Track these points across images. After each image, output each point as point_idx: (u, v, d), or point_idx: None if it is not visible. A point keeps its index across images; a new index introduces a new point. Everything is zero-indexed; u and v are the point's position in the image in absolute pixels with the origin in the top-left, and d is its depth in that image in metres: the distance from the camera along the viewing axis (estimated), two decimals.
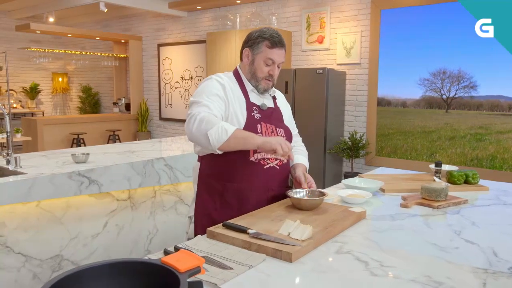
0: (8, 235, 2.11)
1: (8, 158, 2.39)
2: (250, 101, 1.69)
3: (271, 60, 1.68)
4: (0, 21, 8.44)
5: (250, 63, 1.71)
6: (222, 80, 1.67)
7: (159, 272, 0.78)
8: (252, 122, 1.65)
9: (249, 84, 1.72)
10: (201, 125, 1.49)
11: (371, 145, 5.24)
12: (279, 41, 1.67)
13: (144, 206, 2.76)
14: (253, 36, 1.70)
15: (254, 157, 1.64)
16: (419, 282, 1.07)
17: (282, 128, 1.76)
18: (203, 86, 1.66)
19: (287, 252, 1.18)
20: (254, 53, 1.69)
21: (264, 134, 1.65)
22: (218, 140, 1.48)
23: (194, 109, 1.56)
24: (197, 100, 1.59)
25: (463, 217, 1.64)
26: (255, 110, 1.68)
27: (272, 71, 1.70)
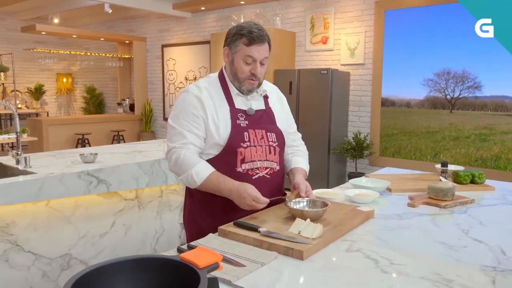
0: (18, 234, 2.13)
1: (18, 158, 2.42)
2: (235, 108, 1.57)
3: (250, 57, 1.52)
4: (6, 22, 8.49)
5: (230, 63, 1.57)
6: (200, 93, 1.55)
7: (178, 268, 0.80)
8: (238, 131, 1.53)
9: (234, 88, 1.59)
10: (175, 166, 1.53)
11: (375, 145, 5.25)
12: (257, 36, 1.50)
13: (151, 205, 2.78)
14: (231, 33, 1.55)
15: (241, 168, 1.53)
16: (429, 279, 1.09)
17: (274, 131, 1.62)
18: (179, 103, 1.57)
19: (299, 250, 1.20)
20: (232, 52, 1.55)
21: (252, 142, 1.55)
22: (189, 185, 1.54)
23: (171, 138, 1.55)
24: (173, 125, 1.55)
25: (470, 216, 1.66)
26: (241, 117, 1.56)
27: (254, 70, 1.54)
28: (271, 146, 1.60)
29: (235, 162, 1.53)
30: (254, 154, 1.55)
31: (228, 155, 1.53)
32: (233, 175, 1.51)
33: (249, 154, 1.54)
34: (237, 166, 1.53)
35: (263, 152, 1.57)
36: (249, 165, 1.54)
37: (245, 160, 1.53)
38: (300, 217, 1.40)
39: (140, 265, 0.81)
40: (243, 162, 1.53)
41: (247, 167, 1.54)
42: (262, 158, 1.57)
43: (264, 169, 1.58)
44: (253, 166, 1.55)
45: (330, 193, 1.86)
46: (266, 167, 1.58)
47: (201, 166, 1.49)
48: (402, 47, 4.96)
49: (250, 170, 1.55)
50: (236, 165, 1.53)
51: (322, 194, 1.82)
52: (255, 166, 1.55)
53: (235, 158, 1.53)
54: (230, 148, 1.53)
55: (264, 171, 1.58)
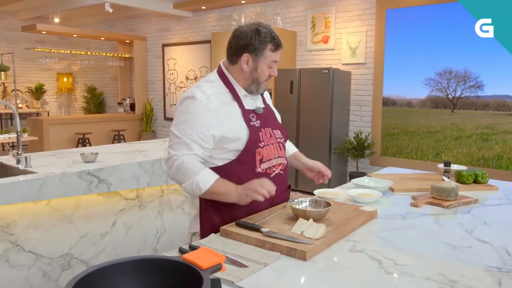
0: (19, 233, 2.13)
1: (18, 158, 2.41)
2: (246, 109, 1.55)
3: (274, 62, 1.56)
4: (6, 22, 8.49)
5: (252, 70, 1.54)
6: (208, 101, 1.47)
7: (181, 270, 0.79)
8: (254, 132, 1.53)
9: (241, 89, 1.57)
10: (177, 175, 1.46)
11: (376, 145, 5.24)
12: (280, 41, 1.55)
13: (151, 205, 2.77)
14: (254, 40, 1.50)
15: (260, 168, 1.54)
16: (434, 280, 1.07)
17: (278, 128, 1.65)
18: (185, 110, 1.48)
19: (301, 250, 1.19)
20: (258, 60, 1.52)
21: (265, 141, 1.55)
22: (193, 193, 1.48)
23: (173, 146, 1.47)
24: (177, 134, 1.47)
25: (474, 216, 1.65)
26: (253, 118, 1.56)
27: (273, 72, 1.58)
28: (279, 143, 1.63)
29: (254, 162, 1.52)
30: (269, 152, 1.57)
31: (247, 157, 1.51)
32: (253, 176, 1.49)
33: (266, 153, 1.55)
34: (257, 166, 1.53)
35: (275, 149, 1.60)
36: (267, 164, 1.56)
37: (263, 160, 1.54)
38: (303, 217, 1.39)
39: (142, 265, 0.80)
40: (261, 162, 1.54)
41: (266, 166, 1.56)
42: (276, 155, 1.60)
43: (278, 166, 1.61)
44: (270, 165, 1.57)
45: (333, 193, 1.85)
46: (279, 163, 1.61)
47: (206, 173, 1.45)
48: (403, 46, 4.95)
49: (268, 168, 1.56)
50: (256, 165, 1.53)
51: (324, 194, 1.81)
52: (272, 164, 1.58)
53: (254, 159, 1.52)
54: (249, 150, 1.51)
55: (279, 168, 1.61)
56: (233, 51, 1.55)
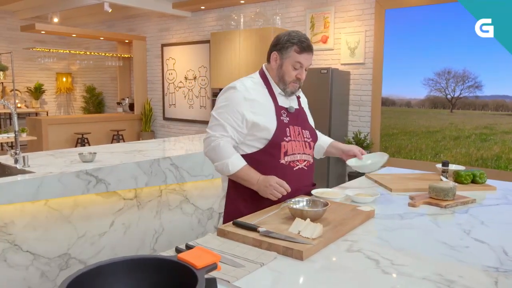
0: (17, 233, 2.12)
1: (16, 157, 2.41)
2: (279, 105, 1.73)
3: (299, 63, 1.70)
4: (6, 22, 8.48)
5: (278, 67, 1.73)
6: (247, 92, 1.69)
7: (176, 269, 0.79)
8: (282, 127, 1.70)
9: (277, 87, 1.76)
10: (212, 153, 1.68)
11: (375, 145, 5.24)
12: (307, 46, 1.71)
13: (150, 205, 2.77)
14: (282, 40, 1.72)
15: (284, 160, 1.69)
16: (431, 280, 1.07)
17: (308, 129, 1.82)
18: (226, 98, 1.70)
19: (298, 250, 1.18)
20: (282, 58, 1.71)
21: (292, 137, 1.72)
22: (222, 172, 1.70)
23: (212, 127, 1.69)
24: (216, 117, 1.68)
25: (471, 216, 1.65)
26: (284, 114, 1.73)
27: (300, 75, 1.73)
28: (306, 142, 1.79)
29: (279, 154, 1.69)
30: (294, 147, 1.72)
31: (272, 147, 1.68)
32: (277, 166, 1.68)
33: (290, 147, 1.71)
34: (281, 158, 1.69)
35: (301, 146, 1.75)
36: (290, 157, 1.71)
37: (288, 153, 1.70)
38: (300, 217, 1.39)
39: (137, 265, 0.80)
40: (286, 154, 1.70)
41: (289, 159, 1.71)
42: (301, 152, 1.75)
43: (302, 162, 1.76)
44: (294, 159, 1.72)
45: (331, 192, 1.84)
46: (304, 160, 1.76)
47: (236, 158, 1.66)
48: (402, 46, 4.95)
49: (291, 162, 1.72)
50: (280, 157, 1.69)
51: (322, 193, 1.81)
52: (296, 158, 1.73)
53: (279, 151, 1.68)
54: (275, 141, 1.68)
55: (303, 164, 1.76)
56: (269, 50, 1.78)
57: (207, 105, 7.02)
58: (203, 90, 7.09)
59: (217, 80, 6.13)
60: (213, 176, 3.06)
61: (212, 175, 3.05)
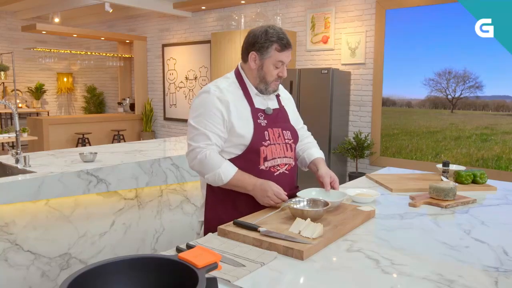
0: (17, 233, 2.13)
1: (17, 157, 2.41)
2: (255, 108, 1.64)
3: (281, 62, 1.63)
4: (6, 22, 8.49)
5: (258, 68, 1.63)
6: (222, 94, 1.59)
7: (177, 268, 0.79)
8: (259, 130, 1.61)
9: (253, 88, 1.66)
10: (200, 166, 1.58)
11: (375, 145, 5.24)
12: (287, 42, 1.61)
13: (150, 205, 2.77)
14: (261, 39, 1.60)
15: (264, 166, 1.62)
16: (431, 280, 1.07)
17: (289, 129, 1.72)
18: (201, 104, 1.60)
19: (299, 250, 1.19)
20: (263, 58, 1.61)
21: (272, 140, 1.63)
22: (214, 184, 1.59)
23: (194, 138, 1.58)
24: (196, 126, 1.58)
25: (472, 216, 1.65)
26: (261, 117, 1.64)
27: (281, 73, 1.65)
28: (287, 144, 1.69)
29: (258, 160, 1.61)
30: (274, 151, 1.64)
31: (251, 153, 1.60)
32: (256, 173, 1.59)
33: (270, 152, 1.63)
34: (260, 164, 1.61)
35: (282, 149, 1.67)
36: (271, 162, 1.63)
37: (267, 158, 1.62)
38: (301, 217, 1.39)
39: (138, 264, 0.80)
40: (265, 160, 1.62)
41: (269, 164, 1.63)
42: (281, 155, 1.67)
43: (283, 166, 1.68)
44: (274, 163, 1.64)
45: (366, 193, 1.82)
46: (285, 164, 1.68)
47: (227, 166, 1.57)
48: (403, 46, 4.95)
49: (272, 167, 1.64)
50: (259, 163, 1.61)
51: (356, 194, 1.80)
52: (276, 163, 1.65)
53: (258, 156, 1.61)
54: (253, 147, 1.60)
55: (284, 168, 1.68)
56: (244, 49, 1.67)
57: None
58: None
59: None
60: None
61: None
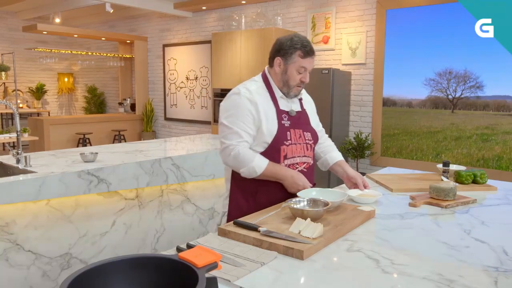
0: (18, 233, 2.13)
1: (18, 157, 2.42)
2: (280, 109, 1.78)
3: (303, 68, 1.75)
4: (7, 22, 8.50)
5: (282, 72, 1.77)
6: (251, 96, 1.73)
7: (177, 268, 0.79)
8: (283, 131, 1.74)
9: (278, 90, 1.80)
10: (235, 162, 1.71)
11: (376, 145, 5.24)
12: (310, 50, 1.75)
13: (151, 205, 2.78)
14: (285, 45, 1.75)
15: (284, 163, 1.74)
16: (431, 280, 1.07)
17: (309, 131, 1.85)
18: (232, 105, 1.73)
19: (299, 249, 1.19)
20: (287, 63, 1.75)
21: (293, 140, 1.76)
22: (249, 176, 1.72)
23: (227, 136, 1.71)
24: (228, 125, 1.71)
25: (472, 216, 1.65)
26: (285, 118, 1.77)
27: (304, 78, 1.77)
28: (308, 144, 1.83)
29: (279, 158, 1.74)
30: (294, 151, 1.77)
31: (272, 152, 1.73)
32: None
33: (290, 151, 1.76)
34: (280, 161, 1.74)
35: (302, 149, 1.80)
36: (290, 160, 1.76)
37: (287, 156, 1.75)
38: (301, 217, 1.39)
39: (138, 264, 0.80)
40: (285, 158, 1.75)
41: (289, 162, 1.76)
42: (301, 154, 1.79)
43: (302, 164, 1.80)
44: (293, 162, 1.77)
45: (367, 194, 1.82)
46: (304, 162, 1.81)
47: (259, 159, 1.70)
48: (403, 46, 4.95)
49: (291, 165, 1.77)
50: (280, 160, 1.74)
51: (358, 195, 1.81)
52: (295, 161, 1.78)
53: (278, 154, 1.73)
54: (274, 146, 1.73)
55: (302, 166, 1.81)
56: (270, 55, 1.82)
57: (208, 105, 7.03)
58: (204, 90, 7.10)
59: (219, 81, 6.14)
60: (214, 176, 3.07)
61: (213, 175, 3.05)
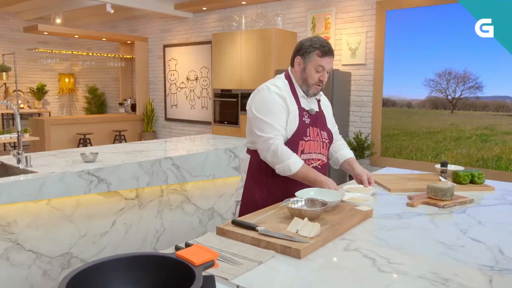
0: (19, 232, 2.15)
1: (18, 157, 2.44)
2: (301, 107, 1.86)
3: (321, 67, 1.82)
4: (9, 23, 8.53)
5: (301, 71, 1.86)
6: (280, 92, 1.82)
7: (175, 266, 0.81)
8: (303, 127, 1.83)
9: (300, 89, 1.88)
10: (273, 157, 1.76)
11: (376, 145, 5.25)
12: (328, 50, 1.82)
13: (151, 205, 2.79)
14: (305, 45, 1.84)
15: (301, 157, 1.81)
16: (427, 278, 1.09)
17: (325, 131, 1.93)
18: (265, 100, 1.81)
19: (296, 249, 1.20)
20: (305, 62, 1.83)
21: (311, 137, 1.85)
22: (283, 173, 1.78)
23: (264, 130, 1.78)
24: (264, 119, 1.78)
25: (469, 216, 1.66)
26: (305, 115, 1.86)
27: (322, 77, 1.84)
28: (324, 142, 1.91)
29: (297, 152, 1.81)
30: (312, 147, 1.85)
31: (291, 145, 1.79)
32: None
33: (308, 146, 1.84)
34: (297, 155, 1.80)
35: (318, 146, 1.88)
36: (307, 155, 1.84)
37: (304, 151, 1.83)
38: (298, 216, 1.40)
39: (136, 262, 0.81)
40: (302, 153, 1.83)
41: (305, 157, 1.83)
42: (317, 151, 1.88)
43: (317, 161, 1.89)
44: (309, 157, 1.85)
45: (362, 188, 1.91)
46: (318, 159, 1.89)
47: (295, 159, 1.76)
48: (403, 47, 4.96)
49: (307, 160, 1.84)
50: (297, 154, 1.80)
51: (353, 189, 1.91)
52: (311, 157, 1.86)
53: (296, 148, 1.81)
54: (294, 140, 1.81)
55: (317, 162, 1.89)
56: (292, 56, 1.91)
57: (208, 105, 7.04)
58: (204, 90, 7.12)
59: (219, 81, 6.16)
60: (214, 177, 3.08)
61: (213, 175, 3.07)
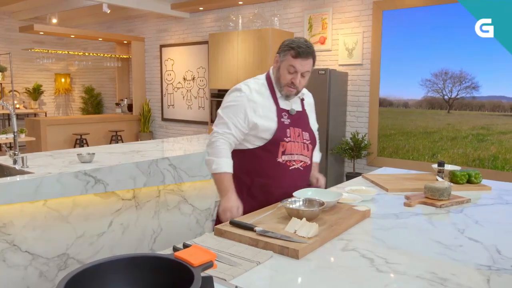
0: (15, 233, 2.13)
1: (15, 158, 2.42)
2: (280, 108, 1.82)
3: (293, 67, 1.75)
4: (4, 22, 8.48)
5: (276, 69, 1.82)
6: (250, 94, 1.78)
7: (173, 267, 0.80)
8: (282, 128, 1.78)
9: None
10: (209, 148, 1.77)
11: (373, 145, 5.26)
12: (303, 51, 1.73)
13: (148, 205, 2.78)
14: (284, 44, 1.80)
15: (281, 159, 1.77)
16: (425, 278, 1.09)
17: (307, 131, 1.89)
18: (232, 99, 1.79)
19: (294, 249, 1.20)
20: (280, 60, 1.79)
21: (292, 138, 1.80)
22: (207, 167, 1.78)
23: (217, 125, 1.79)
24: (221, 115, 1.79)
25: (466, 216, 1.66)
26: (285, 116, 1.81)
27: (294, 79, 1.77)
28: (305, 143, 1.85)
29: (277, 153, 1.77)
30: (293, 148, 1.80)
31: (272, 146, 1.77)
32: (273, 165, 1.77)
33: (289, 147, 1.79)
34: (278, 156, 1.77)
35: (300, 147, 1.82)
36: (288, 157, 1.79)
37: (285, 152, 1.78)
38: (296, 217, 1.40)
39: (134, 263, 0.81)
40: (283, 153, 1.78)
41: (286, 158, 1.79)
42: (299, 152, 1.81)
43: (299, 162, 1.82)
44: (291, 158, 1.79)
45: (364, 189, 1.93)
46: (301, 161, 1.82)
47: (224, 163, 1.73)
48: (400, 47, 4.97)
49: (288, 161, 1.79)
50: (278, 155, 1.77)
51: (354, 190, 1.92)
52: (293, 158, 1.80)
53: (277, 149, 1.77)
54: (275, 141, 1.76)
55: (299, 164, 1.82)
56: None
57: (205, 105, 7.03)
58: (201, 90, 7.11)
59: (216, 81, 6.15)
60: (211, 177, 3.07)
61: (210, 176, 3.06)
